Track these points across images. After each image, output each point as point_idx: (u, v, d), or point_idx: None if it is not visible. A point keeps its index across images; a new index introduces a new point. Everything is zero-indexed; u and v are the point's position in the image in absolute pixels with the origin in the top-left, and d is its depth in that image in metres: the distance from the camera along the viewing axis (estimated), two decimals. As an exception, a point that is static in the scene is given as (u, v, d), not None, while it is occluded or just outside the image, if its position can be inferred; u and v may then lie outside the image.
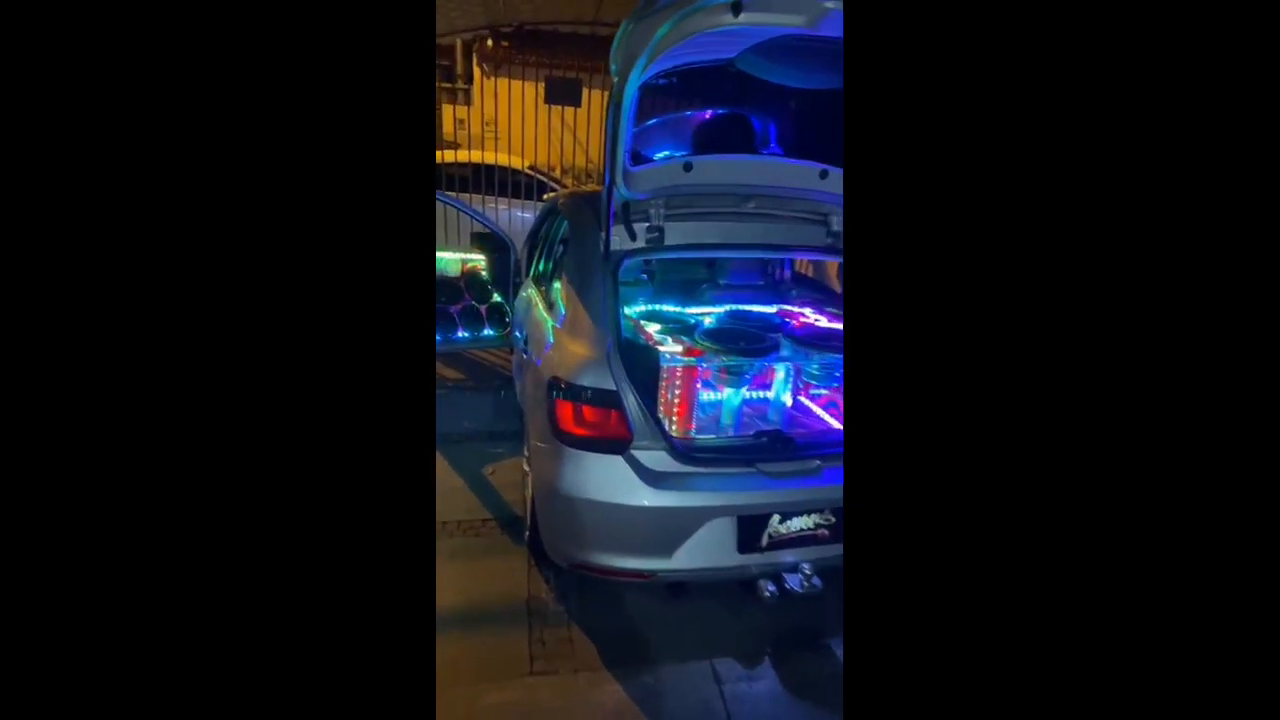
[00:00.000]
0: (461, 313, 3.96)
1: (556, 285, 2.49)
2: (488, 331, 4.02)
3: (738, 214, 2.39)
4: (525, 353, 2.69)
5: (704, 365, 2.23)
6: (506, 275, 4.01)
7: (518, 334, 3.27)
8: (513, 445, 3.32)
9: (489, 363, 4.56)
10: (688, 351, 2.24)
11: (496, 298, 4.07)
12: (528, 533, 2.50)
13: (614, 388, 1.95)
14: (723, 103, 2.67)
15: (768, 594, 2.06)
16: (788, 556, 2.07)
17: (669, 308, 2.80)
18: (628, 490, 1.94)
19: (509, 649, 2.08)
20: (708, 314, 2.77)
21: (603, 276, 2.17)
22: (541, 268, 3.34)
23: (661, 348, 2.23)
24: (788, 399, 2.49)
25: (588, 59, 6.34)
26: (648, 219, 2.29)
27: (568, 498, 1.98)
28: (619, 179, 2.07)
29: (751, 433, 2.26)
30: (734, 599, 2.34)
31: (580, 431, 1.97)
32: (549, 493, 2.04)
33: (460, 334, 3.96)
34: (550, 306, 2.51)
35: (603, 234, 2.21)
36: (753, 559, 2.04)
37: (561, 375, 2.01)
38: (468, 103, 10.40)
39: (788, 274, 3.30)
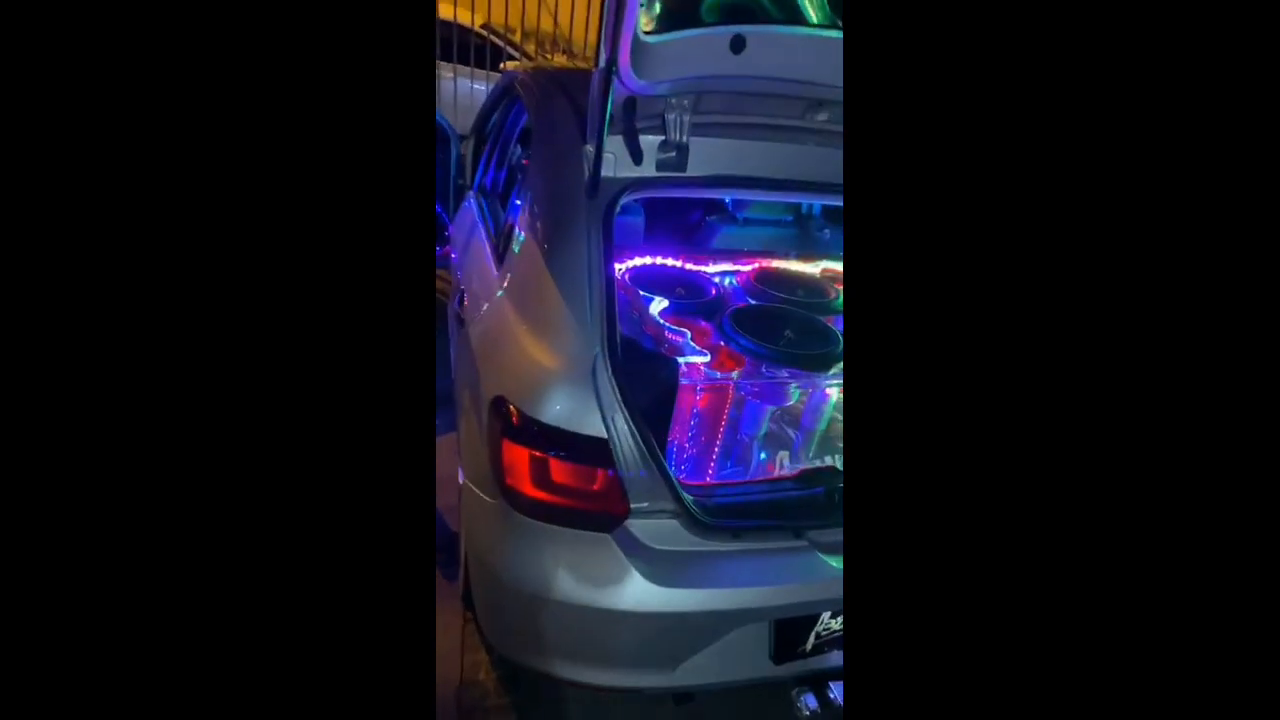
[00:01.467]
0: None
1: (512, 226, 1.61)
2: (420, 250, 3.09)
3: (802, 130, 1.52)
4: (460, 301, 1.85)
5: (747, 384, 1.43)
6: (446, 177, 3.05)
7: (454, 257, 2.40)
8: (448, 412, 2.52)
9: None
10: (720, 360, 1.44)
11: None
12: (462, 572, 1.77)
13: (603, 434, 1.16)
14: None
15: (807, 713, 1.43)
16: (839, 658, 1.43)
17: (669, 260, 1.91)
18: (617, 588, 1.22)
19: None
20: (726, 273, 1.93)
21: (587, 225, 1.32)
22: (490, 176, 2.41)
23: (680, 358, 1.40)
24: (834, 393, 1.73)
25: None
26: (662, 127, 1.41)
27: (519, 594, 1.25)
28: (624, 55, 1.17)
29: (794, 469, 1.53)
30: (754, 703, 1.70)
31: (545, 497, 1.20)
32: (491, 578, 1.30)
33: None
34: (499, 252, 1.64)
35: (589, 149, 1.33)
36: (791, 668, 1.39)
37: (514, 400, 1.21)
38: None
39: (818, 210, 2.41)
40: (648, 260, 1.82)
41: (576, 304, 1.23)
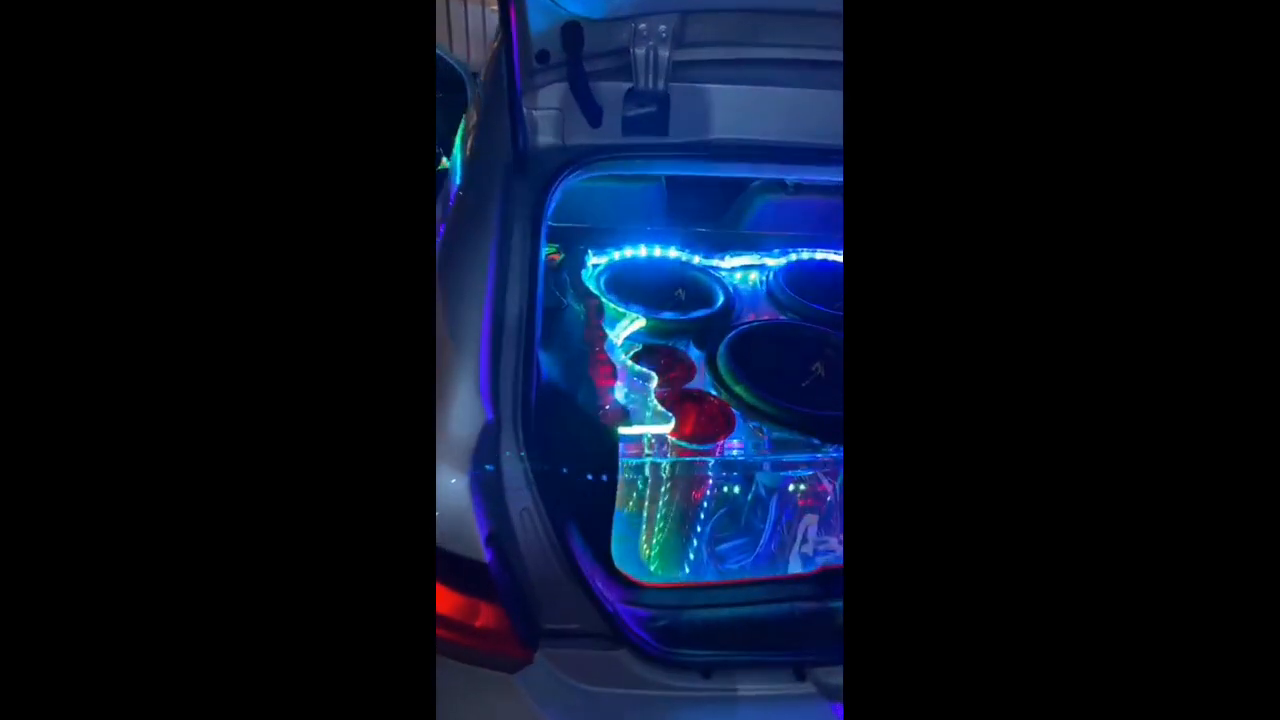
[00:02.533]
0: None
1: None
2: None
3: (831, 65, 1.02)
4: None
5: (738, 460, 0.99)
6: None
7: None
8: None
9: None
10: (702, 421, 0.98)
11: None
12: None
13: (482, 558, 0.78)
14: None
15: None
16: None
17: (672, 251, 1.41)
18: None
19: None
20: (750, 268, 1.44)
21: (502, 220, 0.90)
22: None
23: (628, 431, 0.94)
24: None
25: None
26: (628, 70, 0.96)
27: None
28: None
29: (816, 560, 1.10)
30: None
31: (414, 624, 0.85)
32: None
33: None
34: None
35: (511, 107, 0.89)
36: None
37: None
38: None
39: None
40: (643, 252, 1.36)
41: (468, 349, 0.83)
